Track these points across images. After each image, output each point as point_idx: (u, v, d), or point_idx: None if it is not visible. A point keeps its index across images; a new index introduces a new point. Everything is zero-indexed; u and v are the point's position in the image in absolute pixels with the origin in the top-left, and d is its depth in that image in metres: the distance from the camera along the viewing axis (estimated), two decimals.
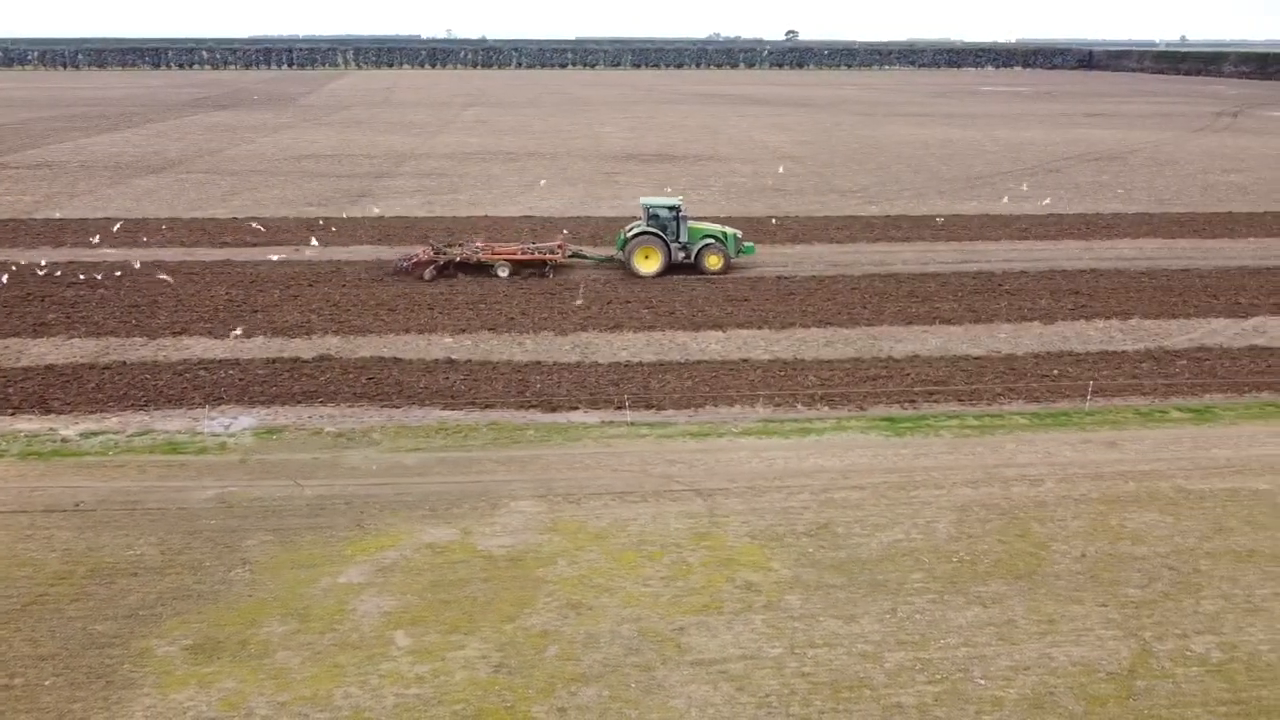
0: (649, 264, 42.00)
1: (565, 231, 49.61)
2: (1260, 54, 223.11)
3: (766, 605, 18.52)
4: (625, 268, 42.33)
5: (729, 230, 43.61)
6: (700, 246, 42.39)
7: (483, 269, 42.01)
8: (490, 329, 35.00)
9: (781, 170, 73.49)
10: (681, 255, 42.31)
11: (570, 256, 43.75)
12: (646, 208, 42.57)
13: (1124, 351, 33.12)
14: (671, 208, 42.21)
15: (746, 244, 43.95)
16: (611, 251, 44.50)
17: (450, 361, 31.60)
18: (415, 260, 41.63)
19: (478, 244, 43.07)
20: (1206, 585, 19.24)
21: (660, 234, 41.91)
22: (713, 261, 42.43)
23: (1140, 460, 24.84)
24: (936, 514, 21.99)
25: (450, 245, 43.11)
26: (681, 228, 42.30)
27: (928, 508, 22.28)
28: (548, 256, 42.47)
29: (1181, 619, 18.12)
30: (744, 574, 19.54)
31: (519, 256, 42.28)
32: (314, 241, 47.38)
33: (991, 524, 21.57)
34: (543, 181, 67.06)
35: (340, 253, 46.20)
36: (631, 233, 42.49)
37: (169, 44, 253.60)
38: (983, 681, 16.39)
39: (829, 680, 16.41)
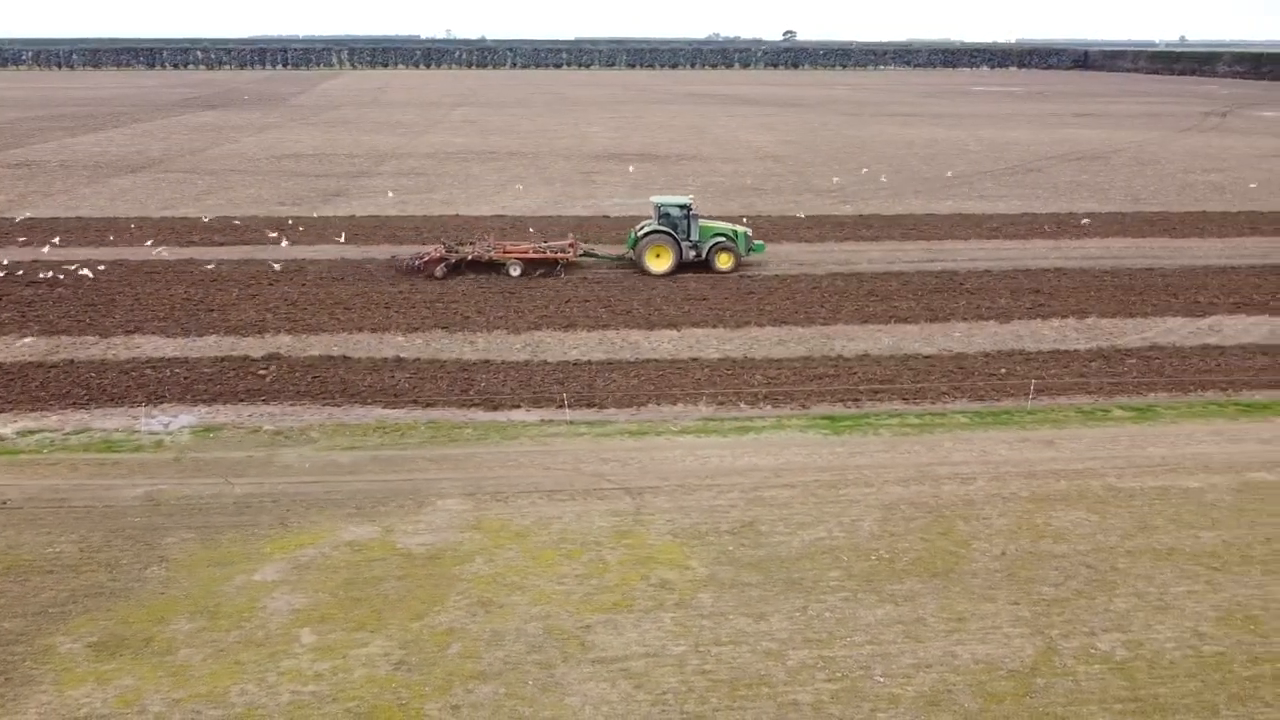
0: (660, 263, 42.10)
1: (532, 230, 49.67)
2: (1254, 54, 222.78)
3: (678, 603, 18.49)
4: (637, 266, 42.44)
5: (739, 228, 43.85)
6: (711, 245, 42.57)
7: (494, 267, 42.15)
8: (443, 327, 34.99)
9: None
10: (692, 254, 42.46)
11: (581, 255, 43.87)
12: (657, 206, 42.75)
13: (1075, 350, 33.08)
14: (682, 206, 42.39)
15: (757, 242, 44.19)
16: (622, 250, 44.60)
17: (398, 360, 31.59)
18: (427, 258, 41.91)
19: (489, 242, 43.21)
20: (1121, 583, 19.20)
21: (671, 232, 42.07)
22: (724, 260, 42.57)
23: (1075, 459, 24.79)
24: (863, 512, 21.95)
25: (462, 244, 43.29)
26: (692, 226, 42.47)
27: (855, 506, 22.25)
28: (559, 255, 42.66)
29: (1091, 617, 18.07)
30: (660, 572, 19.51)
31: (531, 255, 42.48)
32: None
33: (916, 522, 21.53)
34: (519, 186, 67.02)
35: (306, 251, 46.18)
36: (642, 231, 42.65)
37: (164, 44, 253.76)
38: (883, 679, 16.35)
39: (729, 678, 16.38)
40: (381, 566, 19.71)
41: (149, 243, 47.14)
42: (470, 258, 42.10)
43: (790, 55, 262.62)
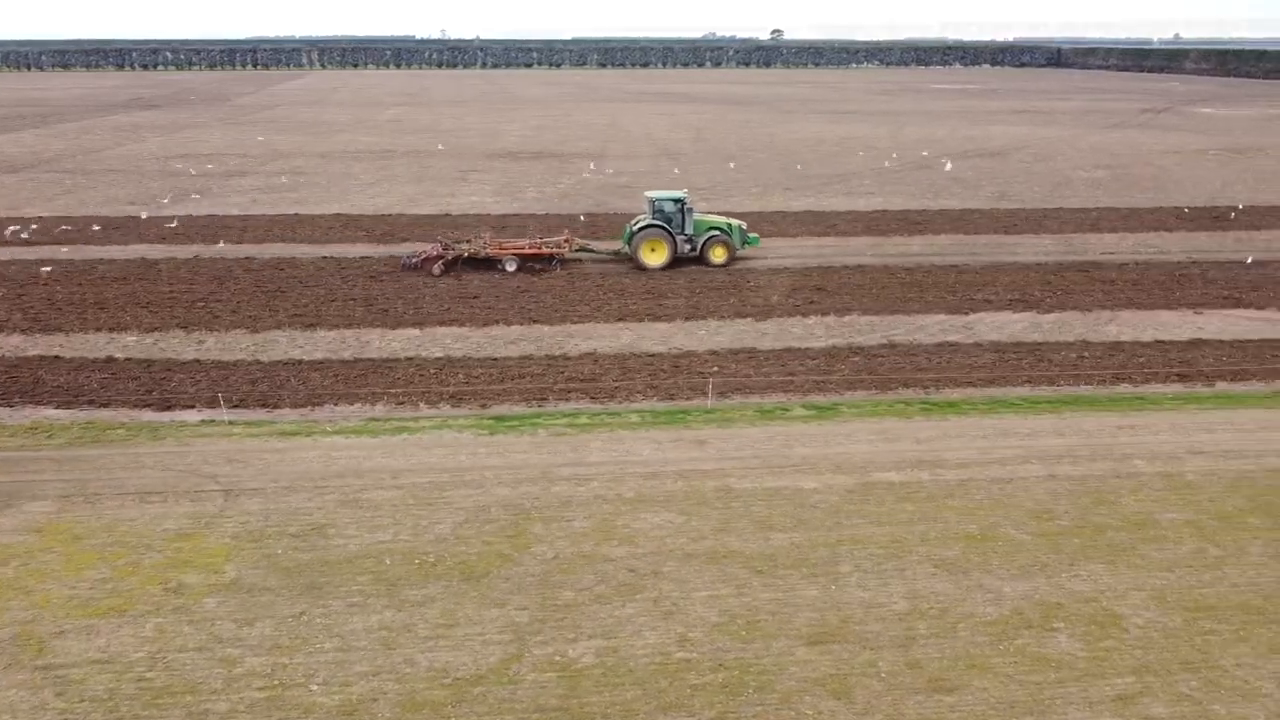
0: (655, 257, 42.26)
1: (374, 230, 49.31)
2: (1220, 50, 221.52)
3: (177, 609, 18.02)
4: (632, 261, 42.49)
5: (734, 222, 44.02)
6: (706, 238, 42.76)
7: (490, 264, 42.08)
8: (183, 327, 34.59)
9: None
10: (687, 248, 42.61)
11: (576, 250, 43.78)
12: (652, 201, 42.82)
13: (807, 349, 32.51)
14: (676, 201, 42.53)
15: (751, 235, 44.32)
16: (618, 245, 44.56)
17: (108, 360, 31.20)
18: (424, 256, 42.05)
19: (485, 239, 43.08)
20: (649, 588, 18.66)
21: (666, 226, 42.16)
22: (718, 253, 42.81)
23: (713, 459, 24.23)
24: (449, 515, 21.44)
25: (459, 241, 43.24)
26: (687, 220, 42.60)
27: (446, 508, 21.74)
28: (554, 250, 42.63)
29: (587, 623, 17.54)
30: (185, 576, 19.04)
31: (526, 251, 42.49)
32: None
33: (494, 525, 21.01)
34: (377, 186, 66.55)
35: (114, 251, 45.83)
36: (637, 226, 42.68)
37: (133, 45, 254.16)
38: (315, 688, 15.86)
39: (161, 686, 15.91)
40: None
41: None
42: (466, 254, 42.07)
43: (762, 54, 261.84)
